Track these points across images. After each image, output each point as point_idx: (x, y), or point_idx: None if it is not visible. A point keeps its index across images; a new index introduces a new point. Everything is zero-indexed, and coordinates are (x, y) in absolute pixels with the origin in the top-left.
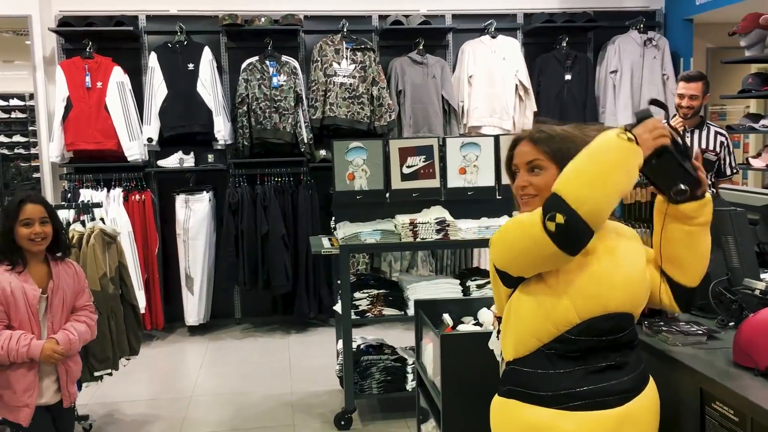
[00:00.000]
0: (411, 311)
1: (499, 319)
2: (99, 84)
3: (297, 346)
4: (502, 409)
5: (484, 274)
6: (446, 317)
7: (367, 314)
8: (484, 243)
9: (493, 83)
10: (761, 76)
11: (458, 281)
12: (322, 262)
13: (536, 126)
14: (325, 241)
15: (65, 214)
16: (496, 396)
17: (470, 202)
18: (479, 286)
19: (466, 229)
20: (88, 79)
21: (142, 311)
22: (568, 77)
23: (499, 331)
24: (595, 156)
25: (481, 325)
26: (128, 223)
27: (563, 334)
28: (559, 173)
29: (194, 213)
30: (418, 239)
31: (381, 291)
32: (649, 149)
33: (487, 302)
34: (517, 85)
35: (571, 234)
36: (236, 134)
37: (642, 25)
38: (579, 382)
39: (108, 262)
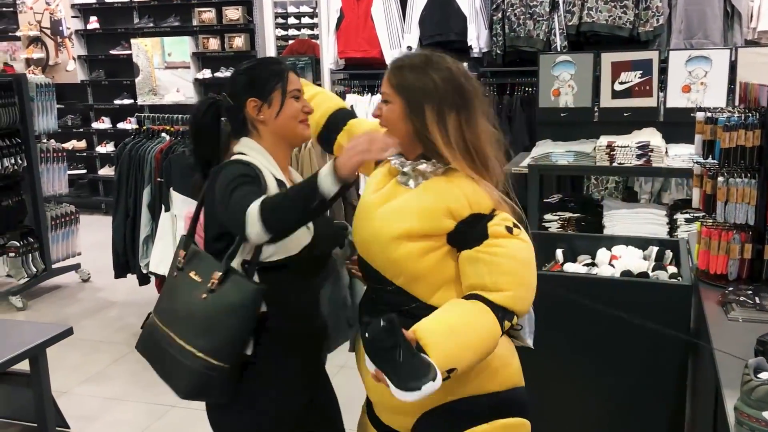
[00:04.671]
0: None
1: None
2: None
3: None
4: None
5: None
6: (559, 253)
7: None
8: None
9: None
10: None
11: (664, 212)
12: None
13: (397, 59)
14: (528, 160)
15: None
16: None
17: (693, 125)
18: (688, 221)
19: (673, 156)
20: None
21: None
22: None
23: None
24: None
25: (594, 265)
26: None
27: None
28: (405, 110)
29: None
30: (614, 164)
31: (575, 215)
32: None
33: (622, 240)
34: None
35: None
36: (491, 42)
37: None
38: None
39: None
